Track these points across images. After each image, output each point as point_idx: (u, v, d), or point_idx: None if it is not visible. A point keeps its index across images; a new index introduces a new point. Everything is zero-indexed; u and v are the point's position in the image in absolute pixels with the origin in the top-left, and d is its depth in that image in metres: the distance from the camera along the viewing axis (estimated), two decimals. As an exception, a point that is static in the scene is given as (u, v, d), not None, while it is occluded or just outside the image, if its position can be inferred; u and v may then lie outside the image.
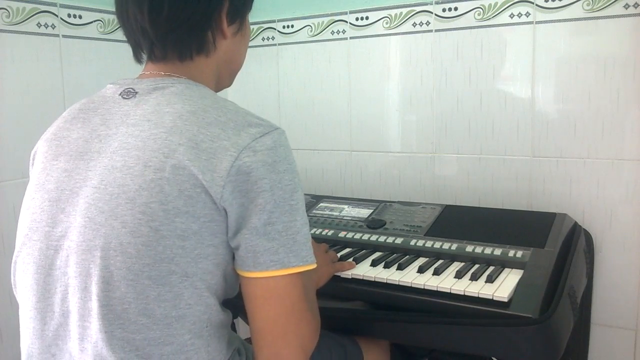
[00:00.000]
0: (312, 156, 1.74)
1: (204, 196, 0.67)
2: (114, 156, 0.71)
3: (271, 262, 0.69)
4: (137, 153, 0.69)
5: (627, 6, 1.23)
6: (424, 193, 1.55)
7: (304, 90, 1.73)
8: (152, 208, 0.66)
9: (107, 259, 0.67)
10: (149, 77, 0.78)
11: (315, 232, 1.30)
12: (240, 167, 0.68)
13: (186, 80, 0.77)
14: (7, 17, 1.28)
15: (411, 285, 1.00)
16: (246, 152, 0.68)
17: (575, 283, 1.06)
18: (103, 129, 0.74)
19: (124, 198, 0.68)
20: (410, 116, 1.55)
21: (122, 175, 0.69)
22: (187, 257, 0.68)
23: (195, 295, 0.69)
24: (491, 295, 0.93)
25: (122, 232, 0.67)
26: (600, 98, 1.29)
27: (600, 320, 1.36)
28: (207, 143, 0.68)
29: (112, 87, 0.79)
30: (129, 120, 0.73)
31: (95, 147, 0.73)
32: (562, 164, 1.35)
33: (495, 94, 1.42)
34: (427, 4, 1.47)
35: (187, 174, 0.67)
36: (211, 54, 0.81)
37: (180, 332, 0.68)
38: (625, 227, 1.30)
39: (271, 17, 1.74)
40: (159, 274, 0.67)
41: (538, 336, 0.88)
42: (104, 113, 0.76)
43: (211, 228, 0.69)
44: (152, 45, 0.78)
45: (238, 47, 0.87)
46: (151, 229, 0.66)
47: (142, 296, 0.67)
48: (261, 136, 0.70)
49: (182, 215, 0.67)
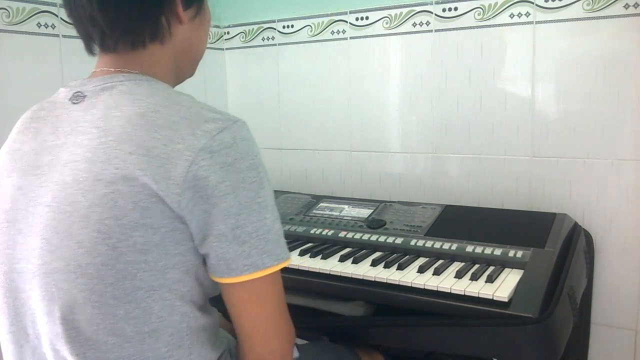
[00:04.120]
0: (312, 156, 1.74)
1: (161, 206, 0.63)
2: (65, 170, 0.66)
3: (245, 267, 0.66)
4: (87, 166, 0.65)
5: (627, 6, 1.23)
6: (424, 193, 1.55)
7: (304, 90, 1.73)
8: (107, 225, 0.62)
9: (68, 282, 0.64)
10: (99, 76, 0.73)
11: (315, 232, 1.30)
12: (198, 172, 0.63)
13: (136, 76, 0.72)
14: (7, 17, 1.28)
15: (411, 285, 1.00)
16: (202, 154, 0.63)
17: (575, 283, 1.06)
18: (53, 139, 0.70)
19: (77, 216, 0.63)
20: (410, 116, 1.55)
21: (74, 191, 0.64)
22: (151, 271, 0.64)
23: (167, 307, 0.66)
24: (491, 295, 0.93)
25: (79, 253, 0.63)
26: (600, 98, 1.29)
27: (600, 320, 1.36)
28: (159, 148, 0.63)
29: (63, 90, 0.75)
30: (78, 128, 0.68)
31: (46, 160, 0.69)
32: (562, 164, 1.35)
33: (495, 94, 1.42)
34: (427, 4, 1.47)
35: (140, 184, 0.62)
36: (166, 41, 0.75)
37: (155, 346, 0.66)
38: (625, 227, 1.30)
39: (271, 17, 1.74)
40: (123, 293, 0.63)
41: (538, 336, 0.88)
42: (54, 121, 0.72)
43: (174, 237, 0.65)
44: (102, 34, 0.72)
45: (197, 34, 0.81)
46: (109, 247, 0.62)
47: (110, 316, 0.64)
48: (218, 133, 0.65)
49: (139, 229, 0.63)
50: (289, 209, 1.46)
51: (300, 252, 1.20)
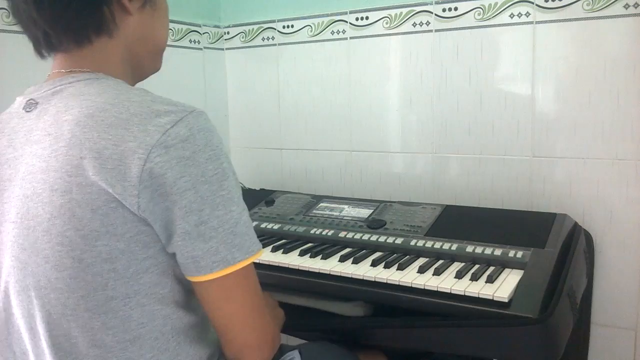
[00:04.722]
0: (312, 156, 1.74)
1: (121, 210, 0.60)
2: (24, 183, 0.64)
3: (214, 264, 0.64)
4: (43, 176, 0.62)
5: (627, 6, 1.23)
6: (424, 193, 1.55)
7: (304, 90, 1.73)
8: (69, 237, 0.60)
9: (41, 298, 0.63)
10: (51, 79, 0.71)
11: (315, 232, 1.30)
12: (153, 170, 0.60)
13: (86, 75, 0.69)
14: (7, 17, 1.28)
15: (411, 285, 1.00)
16: (156, 150, 0.60)
17: (575, 283, 1.06)
18: (10, 151, 0.68)
19: (39, 230, 0.62)
20: (410, 116, 1.55)
21: (34, 204, 0.62)
22: (122, 279, 0.62)
23: (147, 313, 0.64)
24: (491, 296, 0.93)
25: (47, 268, 0.61)
26: (600, 98, 1.29)
27: (600, 320, 1.36)
28: (110, 149, 0.60)
29: (18, 99, 0.72)
30: (32, 137, 0.66)
31: (6, 175, 0.67)
32: (562, 164, 1.35)
33: (495, 94, 1.42)
34: (427, 4, 1.47)
35: (96, 190, 0.60)
36: (114, 34, 0.71)
37: (139, 352, 0.64)
38: (625, 227, 1.30)
39: (271, 17, 1.74)
40: (96, 304, 0.62)
41: (538, 336, 0.88)
42: (10, 132, 0.69)
43: (140, 241, 0.62)
44: (45, 34, 0.68)
45: (151, 23, 0.76)
46: (74, 259, 0.60)
47: (87, 328, 0.62)
48: (172, 126, 0.61)
49: (102, 238, 0.60)
50: (289, 209, 1.46)
51: (300, 252, 1.20)
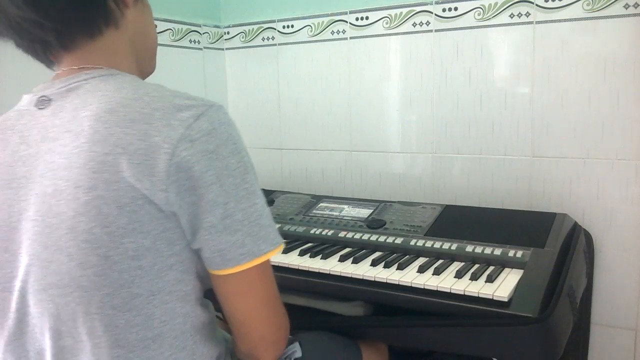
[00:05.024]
0: (312, 156, 1.74)
1: (148, 207, 0.60)
2: (43, 180, 0.64)
3: (241, 256, 0.65)
4: (65, 173, 0.62)
5: (627, 6, 1.23)
6: (424, 193, 1.55)
7: (304, 90, 1.73)
8: (95, 234, 0.60)
9: (64, 296, 0.62)
10: (62, 77, 0.70)
11: (315, 232, 1.30)
12: (180, 164, 0.60)
13: (100, 72, 0.69)
14: (7, 17, 1.28)
15: (411, 285, 1.00)
16: (182, 144, 0.60)
17: (575, 283, 1.06)
18: (24, 148, 0.67)
19: (63, 228, 0.61)
20: (410, 116, 1.55)
21: (56, 202, 0.62)
22: (147, 276, 0.62)
23: (169, 311, 0.65)
24: (491, 295, 0.93)
25: (71, 266, 0.61)
26: (600, 98, 1.29)
27: (600, 320, 1.36)
28: (135, 144, 0.60)
29: (27, 97, 0.71)
30: (48, 135, 0.65)
31: (21, 172, 0.66)
32: (562, 164, 1.35)
33: (495, 94, 1.42)
34: (427, 4, 1.48)
35: (122, 187, 0.59)
36: (120, 25, 0.72)
37: (160, 351, 0.65)
38: (625, 227, 1.30)
39: (271, 17, 1.74)
40: (122, 301, 0.61)
41: (538, 336, 0.88)
42: (22, 129, 0.68)
43: (166, 238, 0.63)
44: (57, 33, 0.68)
45: (144, 19, 0.77)
46: (100, 257, 0.60)
47: (111, 326, 0.62)
48: (195, 120, 0.62)
49: (129, 235, 0.60)
50: (289, 209, 1.46)
51: (300, 252, 1.20)
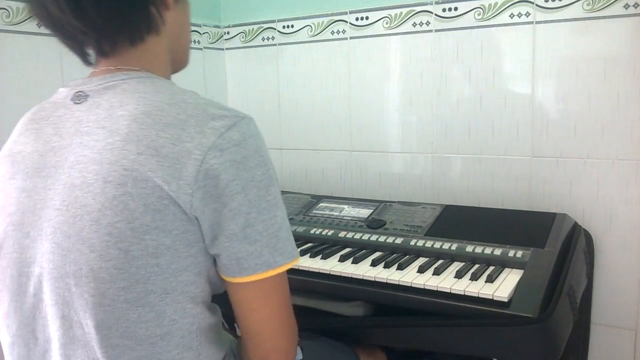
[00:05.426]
0: (312, 156, 1.74)
1: (173, 208, 0.62)
2: (72, 172, 0.66)
3: (257, 266, 0.66)
4: (95, 167, 0.64)
5: (627, 6, 1.23)
6: (424, 193, 1.55)
7: (304, 90, 1.73)
8: (119, 228, 0.62)
9: (80, 286, 0.63)
10: (100, 75, 0.71)
11: (315, 232, 1.30)
12: (208, 171, 0.62)
13: (138, 73, 0.71)
14: (7, 17, 1.28)
15: (411, 285, 1.00)
16: (212, 152, 0.63)
17: (575, 283, 1.06)
18: (57, 139, 0.69)
19: (88, 219, 0.63)
20: (410, 116, 1.55)
21: (83, 194, 0.64)
22: (163, 274, 0.64)
23: (179, 310, 0.66)
24: (491, 295, 0.93)
25: (92, 257, 0.62)
26: (600, 98, 1.29)
27: (600, 320, 1.36)
28: (167, 148, 0.62)
29: (63, 90, 0.73)
30: (82, 129, 0.67)
31: (51, 162, 0.68)
32: (562, 164, 1.35)
33: (495, 94, 1.42)
34: (427, 4, 1.47)
35: (150, 186, 0.62)
36: (161, 31, 0.74)
37: (166, 349, 0.66)
38: (625, 227, 1.30)
39: (271, 17, 1.74)
40: (136, 296, 0.63)
41: (538, 336, 0.88)
42: (56, 121, 0.70)
43: (186, 239, 0.64)
44: (98, 41, 0.70)
45: (182, 18, 0.79)
46: (120, 250, 0.62)
47: (122, 320, 0.63)
48: (227, 130, 0.64)
49: (151, 232, 0.62)
50: (289, 209, 1.46)
51: (300, 252, 1.19)
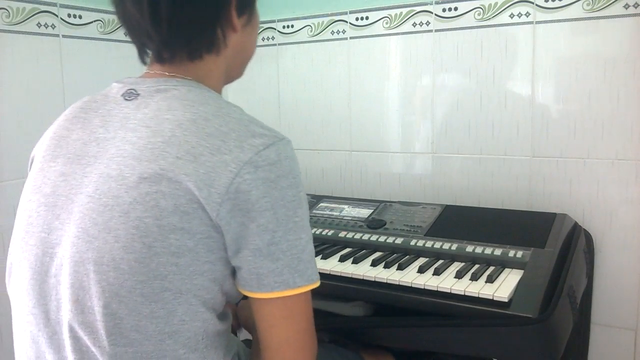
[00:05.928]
0: (312, 156, 1.74)
1: (200, 212, 0.64)
2: (110, 163, 0.68)
3: (275, 284, 0.67)
4: (133, 162, 0.66)
5: (627, 6, 1.23)
6: (424, 193, 1.55)
7: (304, 90, 1.73)
8: (146, 223, 0.64)
9: (99, 274, 0.65)
10: (153, 77, 0.75)
11: (315, 232, 1.30)
12: (240, 185, 0.64)
13: (190, 82, 0.74)
14: (7, 17, 1.28)
15: (411, 285, 1.00)
16: (247, 167, 0.64)
17: (575, 283, 1.06)
18: (102, 131, 0.72)
19: (117, 211, 0.65)
20: (410, 116, 1.55)
21: (117, 185, 0.66)
22: (181, 275, 0.65)
23: (190, 312, 0.67)
24: (491, 296, 0.93)
25: (115, 247, 0.64)
26: (600, 98, 1.29)
27: (600, 320, 1.36)
28: (206, 156, 0.64)
29: (116, 85, 0.76)
30: (128, 125, 0.70)
31: (92, 151, 0.70)
32: (562, 164, 1.35)
33: (495, 94, 1.42)
34: (427, 4, 1.47)
35: (183, 188, 0.64)
36: (222, 52, 0.77)
37: (173, 347, 0.66)
38: (625, 227, 1.30)
39: (271, 17, 1.74)
40: (152, 291, 0.64)
41: (538, 336, 0.88)
42: (105, 114, 0.73)
43: (208, 245, 0.66)
44: (159, 48, 0.74)
45: (249, 38, 0.82)
46: (144, 245, 0.64)
47: (135, 312, 0.65)
48: (264, 148, 0.66)
49: (177, 232, 0.64)
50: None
51: (300, 252, 1.19)
